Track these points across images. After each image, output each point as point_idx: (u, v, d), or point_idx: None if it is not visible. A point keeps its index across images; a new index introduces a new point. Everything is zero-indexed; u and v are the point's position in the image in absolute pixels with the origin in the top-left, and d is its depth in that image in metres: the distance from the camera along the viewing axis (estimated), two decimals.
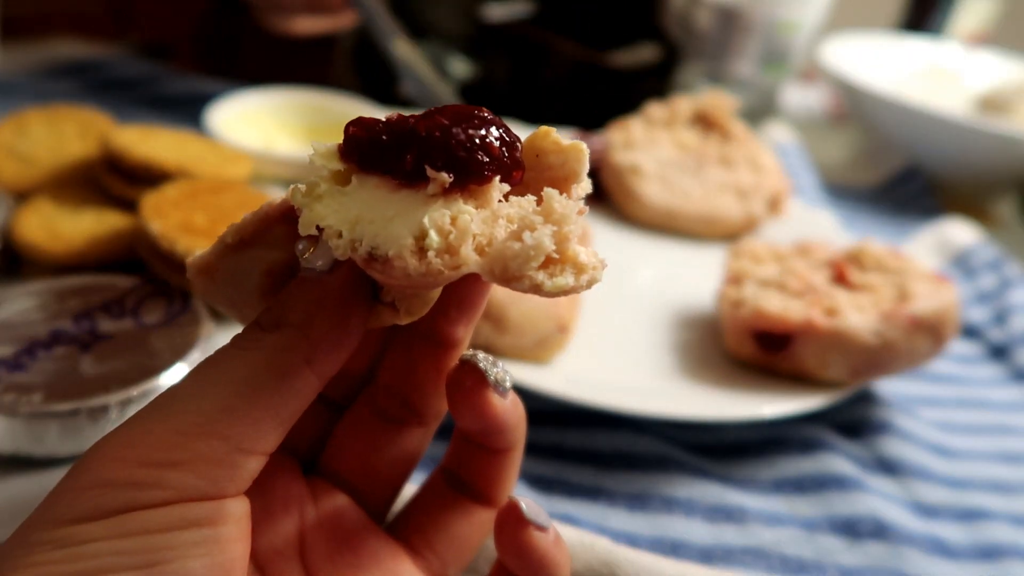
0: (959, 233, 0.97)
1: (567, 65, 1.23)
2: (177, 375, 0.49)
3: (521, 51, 1.26)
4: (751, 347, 0.62)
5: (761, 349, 0.61)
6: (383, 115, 0.28)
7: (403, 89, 0.97)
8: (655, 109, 0.93)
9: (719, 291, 0.67)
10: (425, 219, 0.26)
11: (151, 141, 0.70)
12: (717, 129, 0.93)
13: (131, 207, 0.64)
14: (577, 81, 1.23)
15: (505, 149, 0.27)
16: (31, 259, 0.61)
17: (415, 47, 0.96)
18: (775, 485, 0.58)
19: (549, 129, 0.29)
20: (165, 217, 0.59)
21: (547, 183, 0.29)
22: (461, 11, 1.24)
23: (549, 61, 1.24)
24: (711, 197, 0.86)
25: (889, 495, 0.58)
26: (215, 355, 0.29)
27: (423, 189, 0.27)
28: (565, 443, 0.59)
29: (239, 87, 0.97)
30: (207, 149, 0.74)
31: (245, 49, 1.27)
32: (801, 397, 0.59)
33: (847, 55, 1.26)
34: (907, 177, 1.14)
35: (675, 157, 0.89)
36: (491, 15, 1.22)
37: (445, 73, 1.21)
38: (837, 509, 0.55)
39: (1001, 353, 0.79)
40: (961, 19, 1.62)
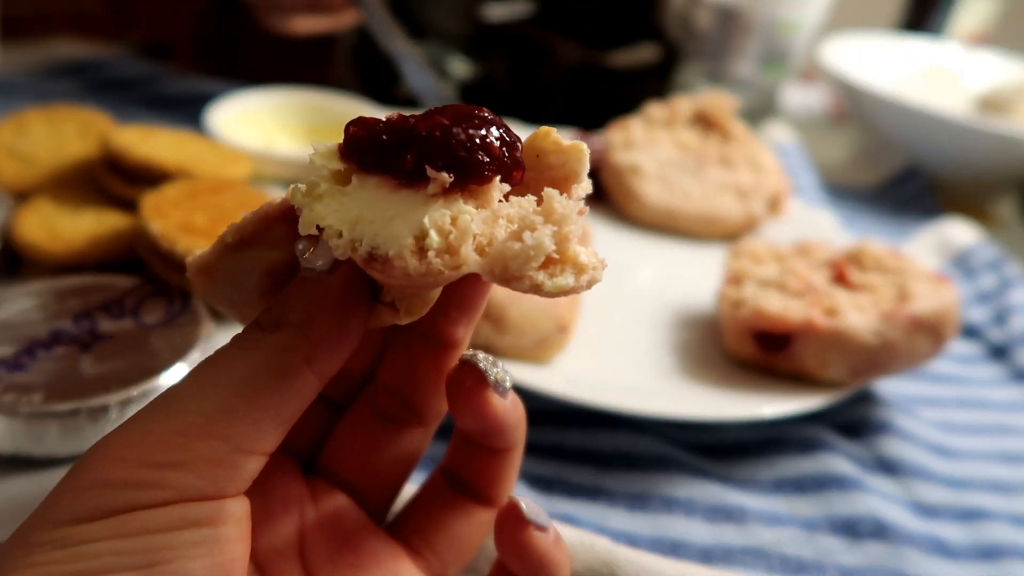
0: (959, 233, 0.97)
1: (567, 65, 1.23)
2: (177, 375, 0.49)
3: (521, 51, 1.26)
4: (751, 347, 0.62)
5: (761, 349, 0.61)
6: (383, 115, 0.28)
7: (404, 88, 0.97)
8: (655, 109, 0.93)
9: (719, 291, 0.67)
10: (425, 219, 0.26)
11: (151, 141, 0.70)
12: (717, 129, 0.93)
13: (131, 207, 0.64)
14: (577, 81, 1.23)
15: (505, 149, 0.27)
16: (31, 259, 0.61)
17: (415, 47, 0.96)
18: (775, 485, 0.58)
19: (549, 129, 0.29)
20: (165, 217, 0.59)
21: (547, 183, 0.29)
22: (461, 11, 1.24)
23: (549, 61, 1.24)
24: (711, 197, 0.86)
25: (889, 495, 0.58)
26: (215, 355, 0.29)
27: (423, 189, 0.27)
28: (565, 443, 0.59)
29: (239, 87, 0.97)
30: (207, 149, 0.74)
31: (245, 49, 1.27)
32: (801, 397, 0.59)
33: (847, 55, 1.26)
34: (907, 177, 1.14)
35: (675, 157, 0.89)
36: (491, 15, 1.22)
37: (445, 73, 1.21)
38: (837, 509, 0.55)
39: (1001, 353, 0.79)
40: (961, 19, 1.62)
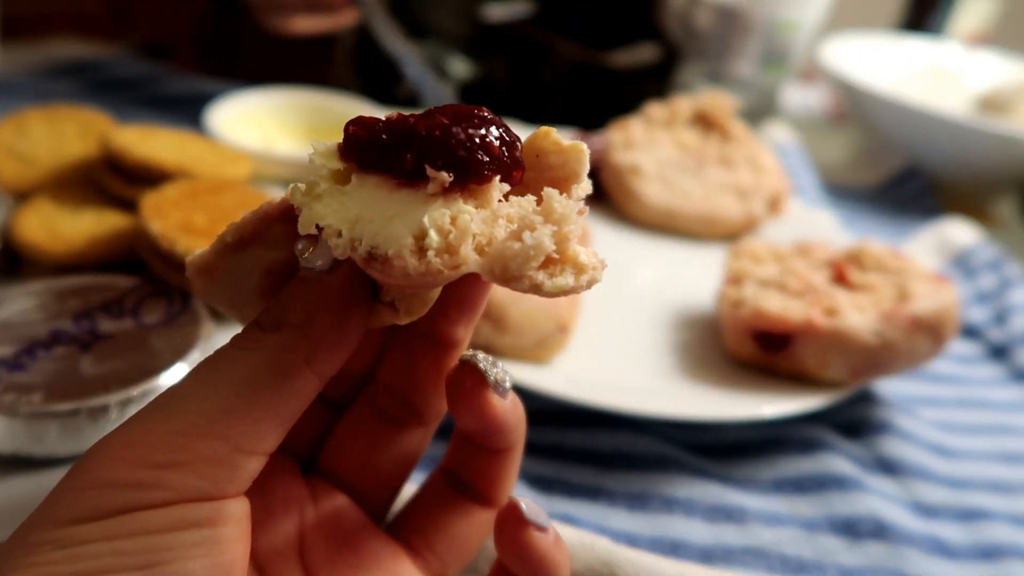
0: (959, 233, 0.97)
1: (567, 65, 1.23)
2: (177, 375, 0.49)
3: (521, 51, 1.25)
4: (751, 347, 0.62)
5: (761, 349, 0.61)
6: (383, 115, 0.28)
7: (404, 88, 0.97)
8: (655, 109, 0.93)
9: (719, 291, 0.67)
10: (425, 218, 0.26)
11: (151, 141, 0.70)
12: (717, 129, 0.93)
13: (131, 207, 0.64)
14: (577, 81, 1.23)
15: (505, 149, 0.27)
16: (31, 259, 0.61)
17: (415, 47, 0.96)
18: (775, 485, 0.58)
19: (549, 129, 0.29)
20: (165, 217, 0.59)
21: (547, 183, 0.29)
22: (461, 11, 1.24)
23: (549, 61, 1.24)
24: (711, 197, 0.86)
25: (889, 495, 0.58)
26: (215, 355, 0.29)
27: (423, 188, 0.27)
28: (565, 443, 0.59)
29: (239, 87, 0.97)
30: (207, 149, 0.74)
31: (245, 49, 1.27)
32: (801, 397, 0.59)
33: (847, 55, 1.26)
34: (907, 177, 1.14)
35: (675, 157, 0.89)
36: (491, 15, 1.22)
37: (445, 73, 1.21)
38: (837, 509, 0.55)
39: (1001, 353, 0.79)
40: (961, 19, 1.62)
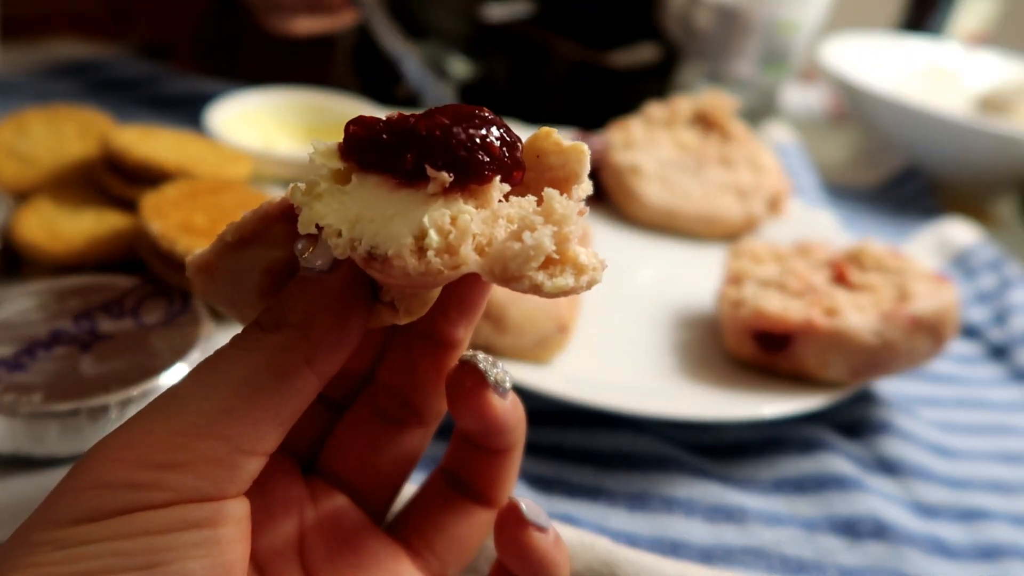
0: (959, 233, 0.97)
1: (567, 65, 1.23)
2: (177, 375, 0.49)
3: (521, 51, 1.25)
4: (751, 347, 0.62)
5: (761, 349, 0.61)
6: (384, 114, 0.28)
7: (404, 88, 0.97)
8: (655, 109, 0.93)
9: (719, 291, 0.67)
10: (425, 218, 0.26)
11: (151, 141, 0.70)
12: (717, 129, 0.93)
13: (131, 207, 0.64)
14: (577, 81, 1.23)
15: (506, 149, 0.27)
16: (31, 259, 0.61)
17: (414, 47, 0.96)
18: (775, 485, 0.58)
19: (550, 130, 0.29)
20: (165, 217, 0.59)
21: (548, 184, 0.29)
22: (461, 11, 1.24)
23: (549, 61, 1.24)
24: (711, 197, 0.86)
25: (889, 495, 0.58)
26: (215, 355, 0.29)
27: (423, 188, 0.27)
28: (565, 443, 0.59)
29: (239, 87, 0.97)
30: (207, 149, 0.74)
31: (245, 49, 1.27)
32: (801, 397, 0.59)
33: (847, 55, 1.26)
34: (907, 177, 1.14)
35: (675, 157, 0.89)
36: (491, 15, 1.22)
37: (445, 73, 1.21)
38: (837, 509, 0.55)
39: (1001, 353, 0.79)
40: (961, 19, 1.62)
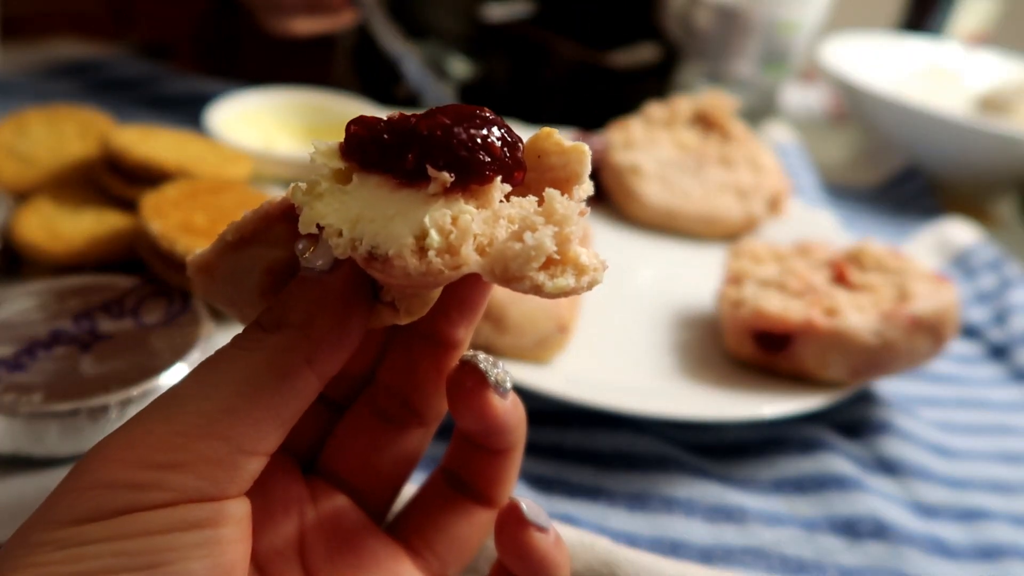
0: (959, 233, 0.97)
1: (567, 65, 1.23)
2: (177, 375, 0.49)
3: (521, 51, 1.25)
4: (751, 347, 0.62)
5: (761, 349, 0.61)
6: (385, 114, 0.28)
7: (404, 88, 0.97)
8: (655, 109, 0.93)
9: (719, 291, 0.67)
10: (426, 218, 0.26)
11: (151, 141, 0.70)
12: (717, 129, 0.93)
13: (131, 207, 0.64)
14: (577, 81, 1.23)
15: (507, 149, 0.27)
16: (31, 259, 0.61)
17: (414, 47, 0.96)
18: (775, 485, 0.58)
19: (551, 130, 0.29)
20: (165, 217, 0.59)
21: (549, 184, 0.29)
22: (461, 11, 1.24)
23: (549, 61, 1.24)
24: (711, 197, 0.86)
25: (889, 495, 0.58)
26: (216, 355, 0.29)
27: (424, 188, 0.27)
28: (565, 443, 0.59)
29: (239, 87, 0.97)
30: (207, 149, 0.74)
31: (245, 49, 1.27)
32: (801, 397, 0.59)
33: (847, 55, 1.26)
34: (907, 177, 1.14)
35: (675, 157, 0.89)
36: (491, 15, 1.22)
37: (445, 73, 1.21)
38: (837, 509, 0.55)
39: (1001, 353, 0.79)
40: (961, 19, 1.62)
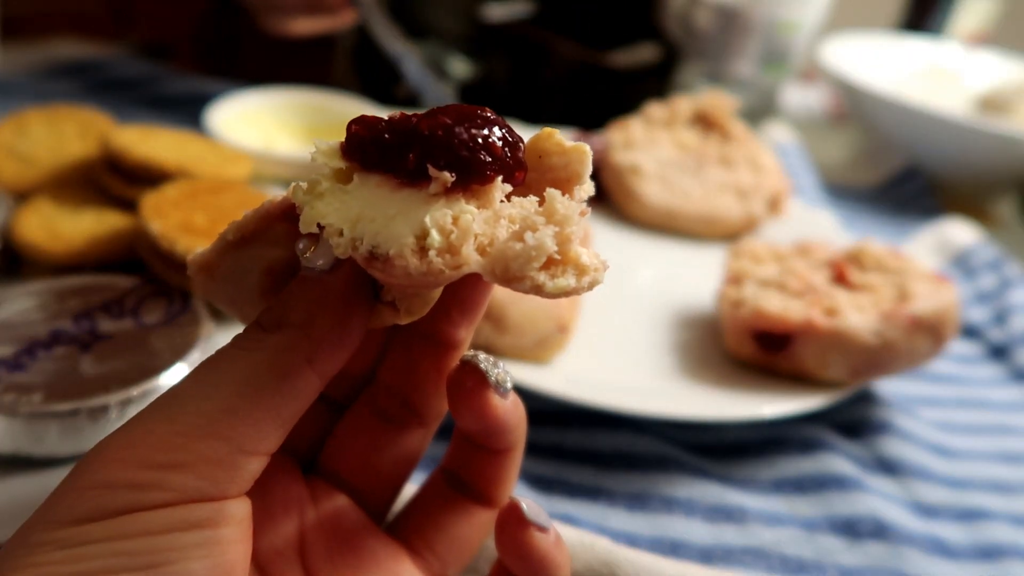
0: (959, 233, 0.97)
1: (567, 65, 1.23)
2: (177, 375, 0.49)
3: (521, 51, 1.25)
4: (751, 347, 0.62)
5: (761, 349, 0.61)
6: (385, 114, 0.28)
7: (404, 88, 0.97)
8: (655, 109, 0.93)
9: (719, 291, 0.67)
10: (427, 218, 0.26)
11: (151, 141, 0.70)
12: (717, 129, 0.93)
13: (131, 207, 0.64)
14: (577, 81, 1.23)
15: (508, 149, 0.27)
16: (31, 259, 0.61)
17: (413, 47, 0.96)
18: (775, 485, 0.58)
19: (552, 130, 0.29)
20: (165, 217, 0.59)
21: (549, 184, 0.29)
22: (461, 11, 1.24)
23: (549, 61, 1.24)
24: (711, 197, 0.86)
25: (889, 495, 0.58)
26: (216, 355, 0.29)
27: (425, 188, 0.27)
28: (565, 443, 0.59)
29: (239, 87, 0.97)
30: (207, 149, 0.74)
31: (245, 49, 1.27)
32: (801, 397, 0.59)
33: (847, 55, 1.26)
34: (907, 177, 1.14)
35: (675, 157, 0.89)
36: (491, 15, 1.22)
37: (445, 73, 1.21)
38: (837, 509, 0.55)
39: (1001, 353, 0.79)
40: (961, 19, 1.62)
